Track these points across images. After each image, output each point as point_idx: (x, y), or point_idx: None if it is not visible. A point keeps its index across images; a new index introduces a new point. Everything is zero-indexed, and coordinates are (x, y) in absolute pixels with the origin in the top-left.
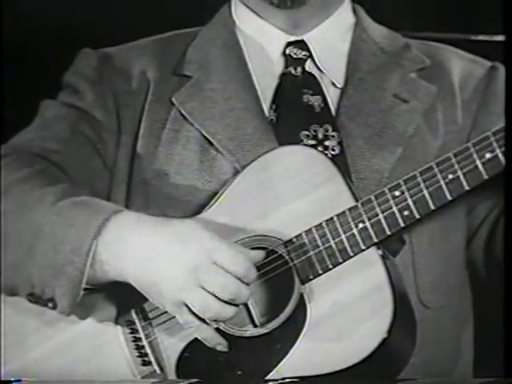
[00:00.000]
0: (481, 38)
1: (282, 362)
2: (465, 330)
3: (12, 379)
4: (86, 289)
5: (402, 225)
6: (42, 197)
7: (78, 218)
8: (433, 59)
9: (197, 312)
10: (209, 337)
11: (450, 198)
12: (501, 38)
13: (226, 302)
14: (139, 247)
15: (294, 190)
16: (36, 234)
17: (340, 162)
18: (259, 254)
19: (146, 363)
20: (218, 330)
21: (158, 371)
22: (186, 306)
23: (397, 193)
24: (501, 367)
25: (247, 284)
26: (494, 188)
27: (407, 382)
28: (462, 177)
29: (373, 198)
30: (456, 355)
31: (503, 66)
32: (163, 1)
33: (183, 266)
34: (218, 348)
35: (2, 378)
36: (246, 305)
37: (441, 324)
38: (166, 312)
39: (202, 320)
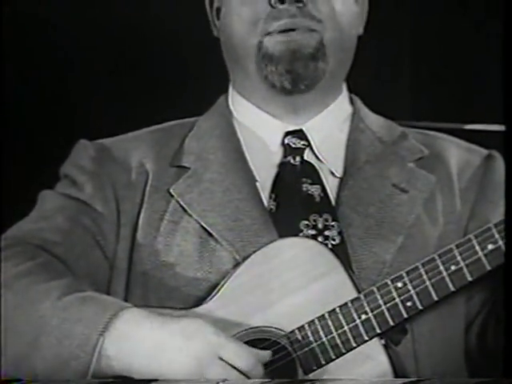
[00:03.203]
0: (477, 127)
1: None
2: None
3: (12, 379)
4: None
5: (405, 316)
6: (47, 291)
7: (85, 314)
8: (430, 149)
9: None
10: None
11: (452, 289)
12: (497, 127)
13: None
14: (146, 344)
15: (295, 281)
16: (41, 327)
17: (341, 251)
18: (267, 354)
19: None
20: None
21: None
22: None
23: (399, 284)
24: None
25: (250, 378)
26: (490, 279)
27: (409, 382)
28: (464, 268)
29: (375, 290)
30: None
31: (500, 154)
32: (161, 91)
33: (188, 362)
34: None
35: (2, 378)
36: None
37: None
38: None
39: None
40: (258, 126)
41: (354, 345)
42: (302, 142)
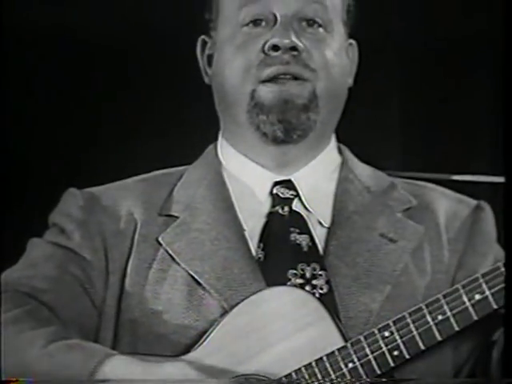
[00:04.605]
0: (466, 178)
1: None
2: None
3: (12, 379)
4: None
5: (392, 365)
6: (33, 339)
7: (71, 361)
8: (419, 199)
9: None
10: None
11: (439, 338)
12: (485, 178)
13: None
14: None
15: (282, 330)
16: (28, 375)
17: (328, 300)
18: None
19: None
20: None
21: None
22: None
23: (386, 333)
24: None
25: None
26: (478, 327)
27: (407, 382)
28: (451, 318)
29: (362, 339)
30: None
31: (488, 205)
32: (151, 140)
33: None
34: None
35: (2, 378)
36: None
37: None
38: None
39: None
40: (247, 175)
41: None
42: (291, 192)
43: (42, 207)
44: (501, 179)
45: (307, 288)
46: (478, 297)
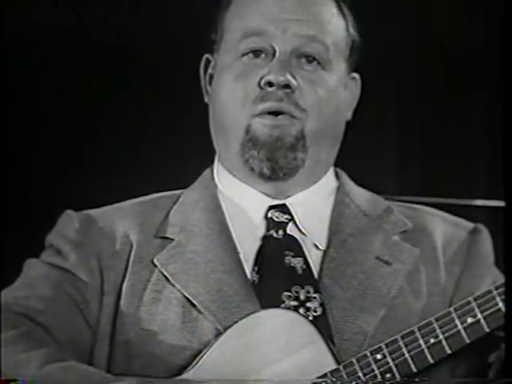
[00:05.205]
0: (465, 202)
1: None
2: None
3: (12, 379)
4: None
5: None
6: (28, 361)
7: None
8: (415, 222)
9: None
10: None
11: (431, 361)
12: (481, 201)
13: None
14: None
15: (275, 352)
16: None
17: (322, 323)
18: None
19: None
20: None
21: None
22: None
23: (378, 356)
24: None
25: None
26: (474, 350)
27: (408, 383)
28: (443, 341)
29: (354, 361)
30: None
31: (485, 228)
32: (147, 162)
33: None
34: None
35: (2, 378)
36: None
37: None
38: None
39: None
40: (242, 199)
41: None
42: (285, 216)
43: (41, 228)
44: (499, 203)
45: (301, 310)
46: (470, 320)
